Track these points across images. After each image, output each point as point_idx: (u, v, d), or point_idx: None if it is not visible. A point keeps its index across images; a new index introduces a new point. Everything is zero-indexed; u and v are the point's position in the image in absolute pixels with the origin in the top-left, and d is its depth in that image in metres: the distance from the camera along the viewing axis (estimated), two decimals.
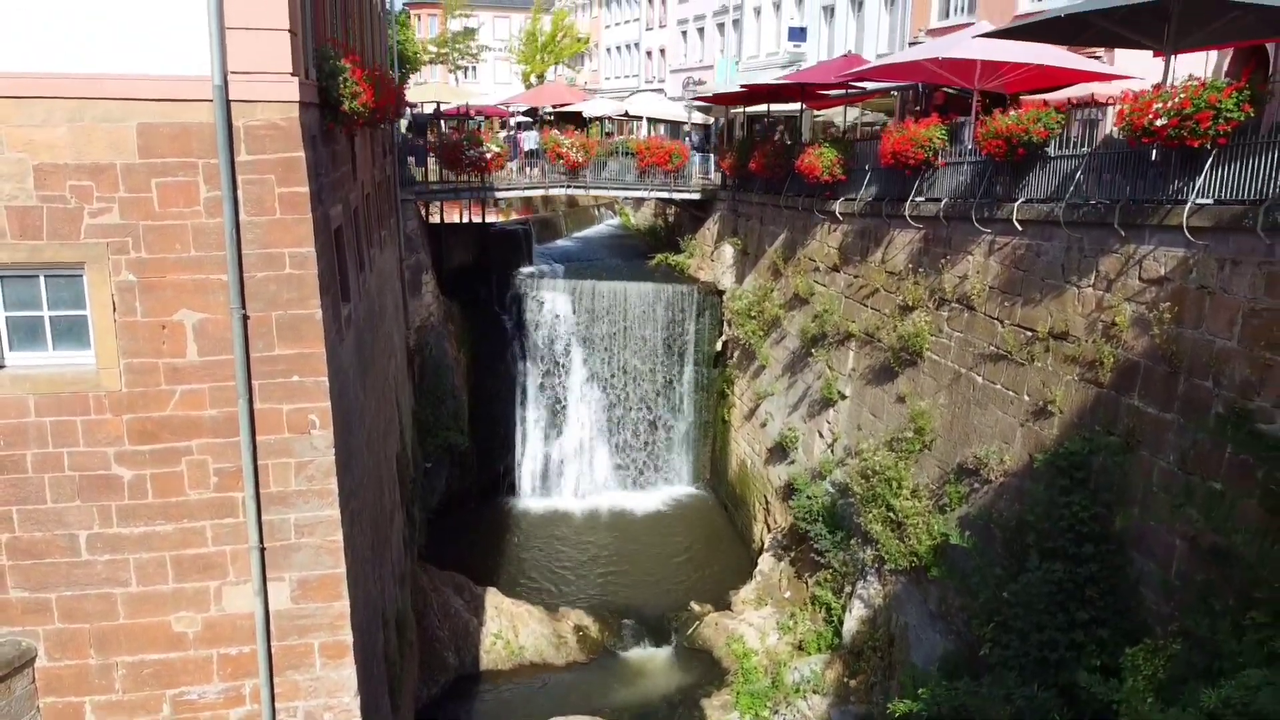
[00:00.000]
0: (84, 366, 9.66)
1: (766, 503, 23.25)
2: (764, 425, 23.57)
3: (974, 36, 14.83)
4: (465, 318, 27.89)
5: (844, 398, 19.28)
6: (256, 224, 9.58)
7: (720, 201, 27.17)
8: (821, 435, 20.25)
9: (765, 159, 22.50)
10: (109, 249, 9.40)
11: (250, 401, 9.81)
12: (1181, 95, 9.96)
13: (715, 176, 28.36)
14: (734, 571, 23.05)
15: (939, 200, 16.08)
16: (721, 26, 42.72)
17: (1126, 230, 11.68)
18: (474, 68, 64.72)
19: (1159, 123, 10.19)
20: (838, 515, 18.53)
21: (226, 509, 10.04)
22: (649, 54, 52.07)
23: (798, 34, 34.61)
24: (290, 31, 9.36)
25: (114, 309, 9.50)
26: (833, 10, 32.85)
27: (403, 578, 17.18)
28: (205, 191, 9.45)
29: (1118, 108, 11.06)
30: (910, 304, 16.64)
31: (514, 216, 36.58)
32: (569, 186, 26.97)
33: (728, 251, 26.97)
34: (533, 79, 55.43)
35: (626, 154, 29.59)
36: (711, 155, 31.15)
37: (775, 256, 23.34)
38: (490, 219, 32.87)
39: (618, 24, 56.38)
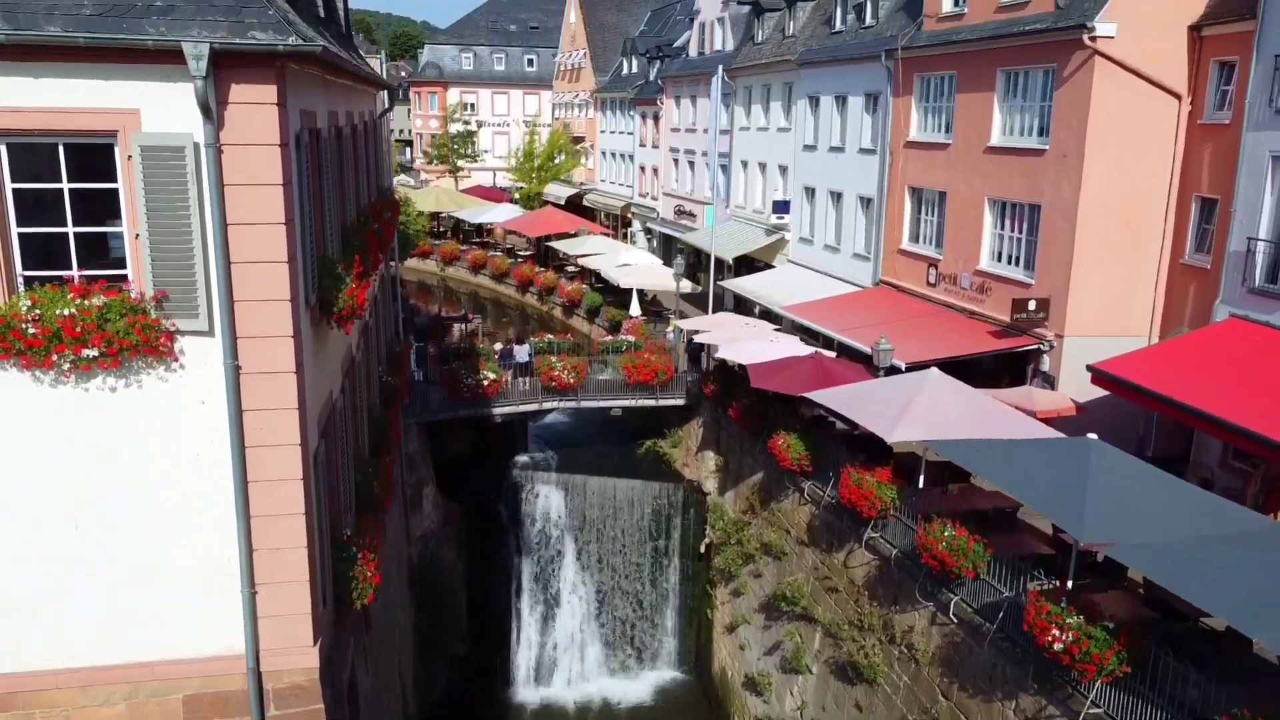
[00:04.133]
0: None
1: None
2: (742, 648, 25.23)
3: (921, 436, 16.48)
4: (464, 515, 29.61)
5: (811, 671, 20.95)
6: None
7: (704, 409, 28.79)
8: (792, 695, 21.91)
9: (743, 413, 24.16)
10: None
11: None
12: (1071, 636, 11.63)
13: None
14: None
15: (892, 547, 17.74)
16: (710, 166, 44.26)
17: (1039, 684, 13.34)
18: (473, 157, 66.31)
19: (1056, 646, 11.87)
20: None
21: None
22: (642, 169, 53.65)
23: (782, 207, 36.24)
24: (312, 615, 11.04)
25: None
26: (814, 193, 34.46)
27: None
28: None
29: (1027, 605, 12.75)
30: (867, 625, 18.30)
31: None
32: (561, 400, 28.63)
33: (711, 459, 28.63)
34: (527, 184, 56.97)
35: (618, 350, 31.33)
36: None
37: (752, 496, 25.01)
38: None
39: (612, 131, 57.95)
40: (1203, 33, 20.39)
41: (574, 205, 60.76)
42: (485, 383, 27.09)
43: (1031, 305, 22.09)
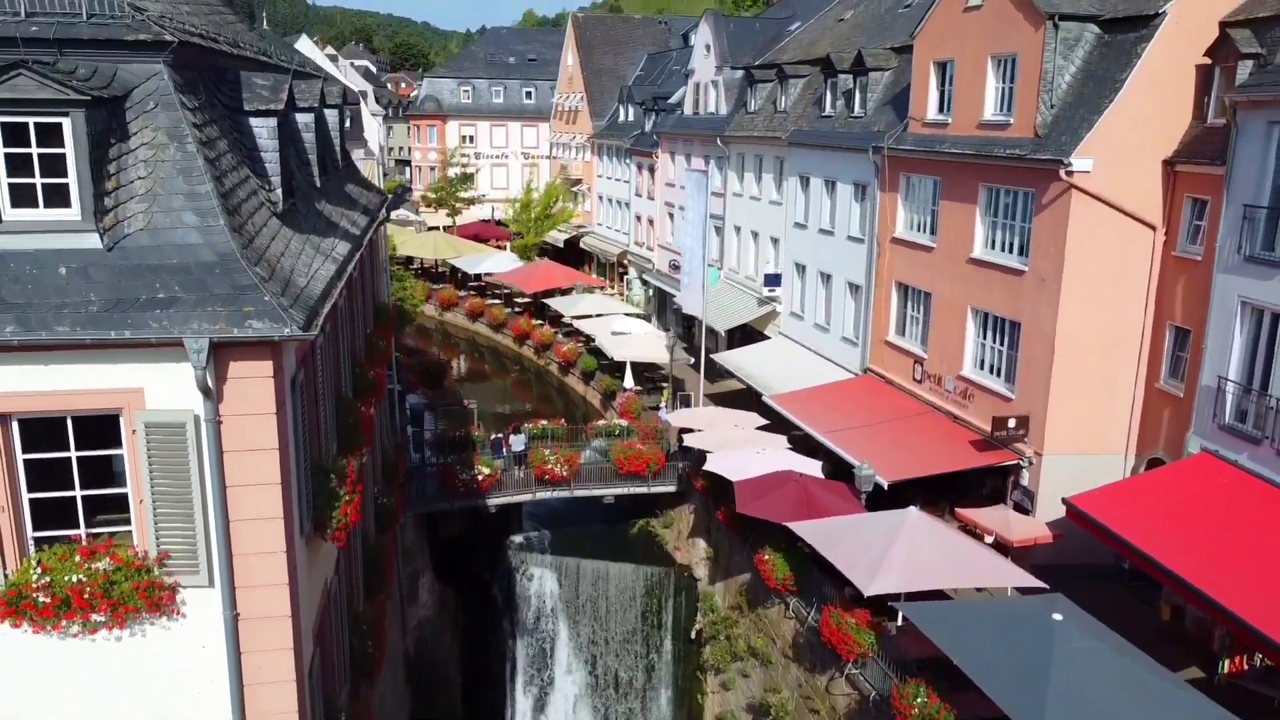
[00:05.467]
0: None
1: None
2: None
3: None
4: (460, 598, 30.24)
5: None
6: None
7: (695, 498, 29.36)
8: None
9: (730, 519, 24.72)
10: None
11: None
12: None
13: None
14: None
15: (871, 688, 18.31)
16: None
17: None
18: (470, 201, 66.87)
19: None
20: None
21: None
22: (638, 218, 54.17)
23: (773, 280, 36.75)
24: None
25: None
26: (804, 269, 34.99)
27: None
28: None
29: None
30: None
31: None
32: (555, 491, 29.22)
33: (701, 546, 29.21)
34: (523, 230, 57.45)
35: (611, 434, 31.97)
36: None
37: (740, 595, 25.57)
38: None
39: (609, 177, 58.46)
40: (1176, 168, 20.94)
41: (572, 246, 61.35)
42: (480, 478, 27.69)
43: (1011, 423, 22.63)
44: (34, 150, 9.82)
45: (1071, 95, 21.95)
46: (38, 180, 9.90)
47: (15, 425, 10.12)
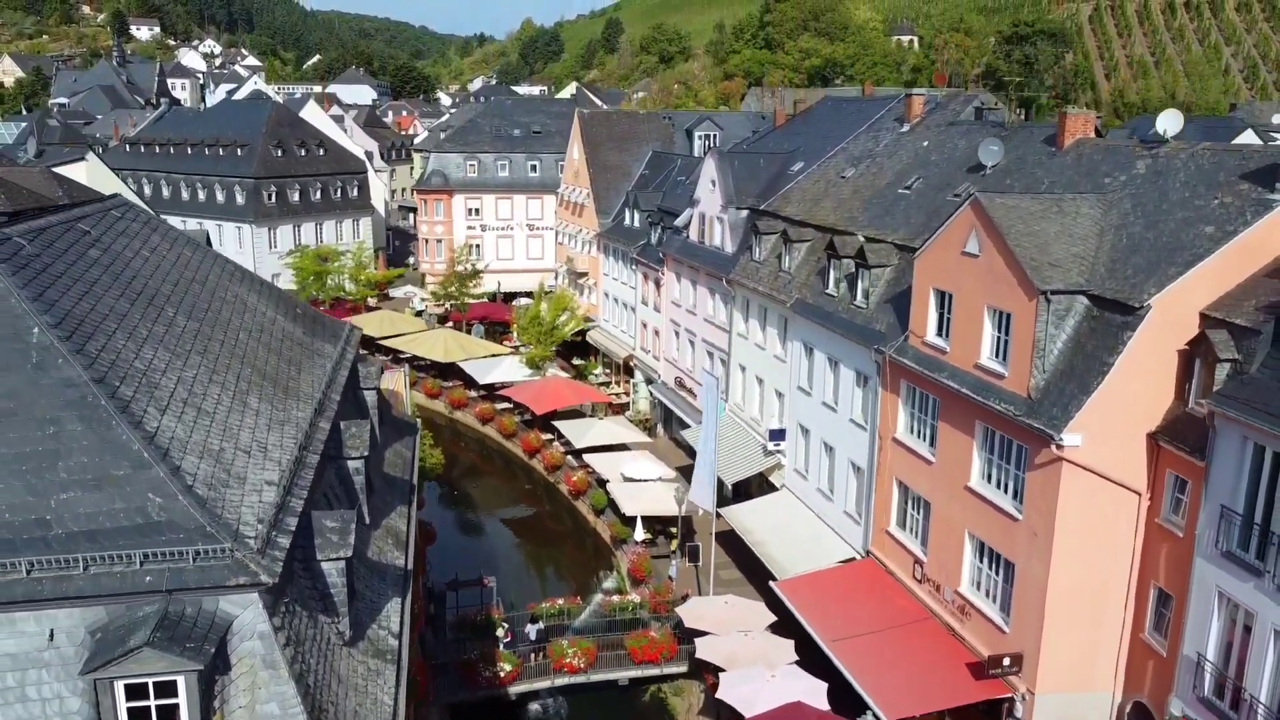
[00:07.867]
0: None
1: None
2: None
3: None
4: None
5: None
6: None
7: (704, 682, 30.81)
8: None
9: None
10: None
11: None
12: None
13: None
14: None
15: None
16: (710, 355, 46.21)
17: None
18: (477, 296, 68.54)
19: None
20: None
21: None
22: (644, 324, 55.58)
23: (778, 435, 38.21)
24: None
25: None
26: (808, 433, 36.41)
27: None
28: None
29: None
30: None
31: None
32: (572, 678, 30.69)
33: None
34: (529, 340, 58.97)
35: (624, 610, 33.44)
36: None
37: None
38: None
39: (615, 278, 59.88)
40: (1159, 442, 22.36)
41: (579, 336, 62.83)
42: (501, 675, 29.13)
43: (1006, 661, 24.09)
44: (152, 702, 11.26)
45: (1063, 363, 23.36)
46: None
47: None
